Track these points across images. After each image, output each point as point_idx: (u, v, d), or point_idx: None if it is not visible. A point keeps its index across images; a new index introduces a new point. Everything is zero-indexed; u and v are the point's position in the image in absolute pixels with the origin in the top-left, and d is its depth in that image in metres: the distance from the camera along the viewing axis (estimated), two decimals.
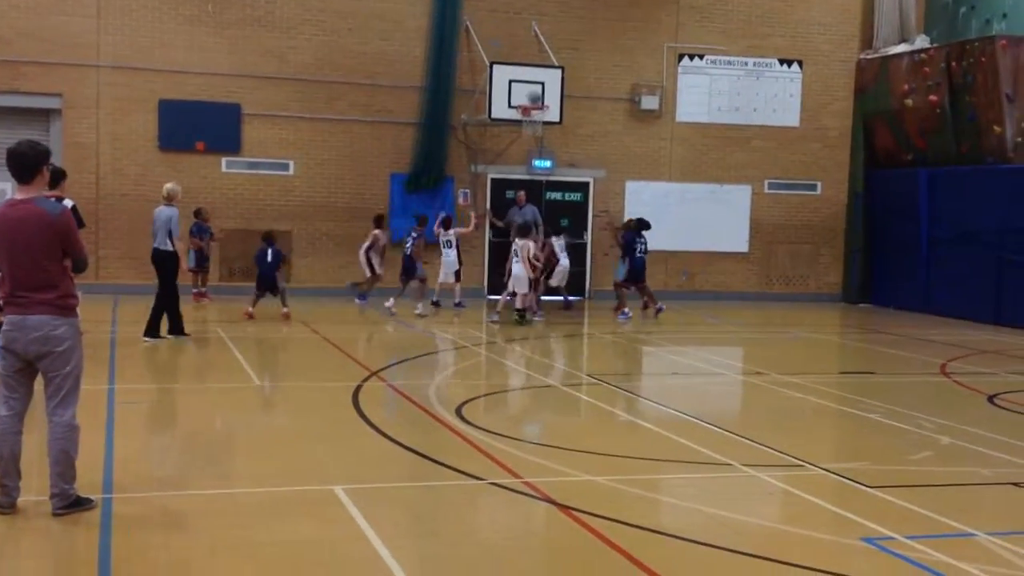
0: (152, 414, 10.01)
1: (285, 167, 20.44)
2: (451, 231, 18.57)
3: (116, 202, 19.60)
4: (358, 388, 10.89)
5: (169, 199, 14.14)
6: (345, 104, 20.59)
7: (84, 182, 19.08)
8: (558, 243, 18.93)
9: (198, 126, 19.77)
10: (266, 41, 20.16)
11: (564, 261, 18.84)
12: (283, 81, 20.29)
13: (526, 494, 7.19)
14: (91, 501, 6.47)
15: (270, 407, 10.71)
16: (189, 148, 19.87)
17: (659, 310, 18.52)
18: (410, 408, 10.18)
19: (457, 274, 18.68)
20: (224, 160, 20.13)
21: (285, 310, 16.38)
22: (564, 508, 6.87)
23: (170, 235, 13.88)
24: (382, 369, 12.45)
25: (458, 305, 18.77)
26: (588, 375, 12.71)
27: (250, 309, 16.34)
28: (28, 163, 6.48)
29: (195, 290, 18.63)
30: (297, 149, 20.47)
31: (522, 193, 20.34)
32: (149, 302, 14.22)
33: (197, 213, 18.55)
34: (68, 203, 10.23)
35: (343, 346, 14.02)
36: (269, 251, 16.49)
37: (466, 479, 7.52)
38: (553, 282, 18.84)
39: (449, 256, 18.49)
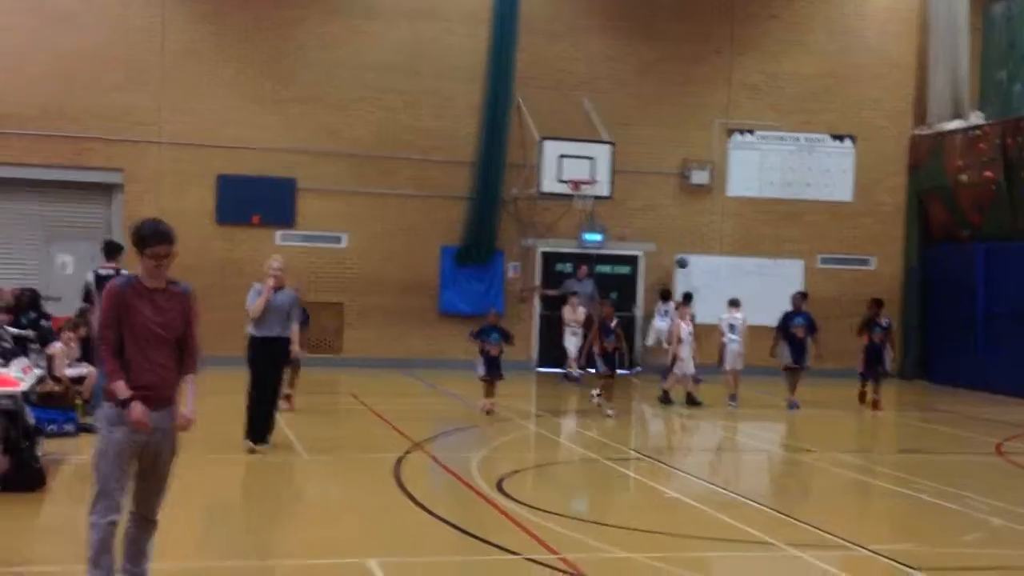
0: (189, 482, 10.06)
1: (338, 240, 20.75)
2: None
3: (177, 274, 19.94)
4: (400, 460, 10.89)
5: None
6: (398, 178, 20.93)
7: None
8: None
9: (254, 200, 20.20)
10: (322, 117, 20.63)
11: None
12: (338, 156, 20.71)
13: (562, 571, 7.10)
14: None
15: (309, 477, 10.73)
16: (245, 221, 20.28)
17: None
18: (450, 481, 10.14)
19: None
20: (279, 233, 20.50)
21: (288, 391, 13.66)
22: None
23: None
24: (425, 441, 12.44)
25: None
26: (633, 450, 12.58)
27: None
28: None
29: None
30: (350, 222, 20.79)
31: (584, 266, 20.47)
32: (201, 374, 14.31)
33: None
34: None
35: (389, 418, 14.04)
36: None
37: (502, 554, 7.46)
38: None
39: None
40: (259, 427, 11.04)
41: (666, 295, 20.43)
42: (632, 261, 21.93)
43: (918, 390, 20.87)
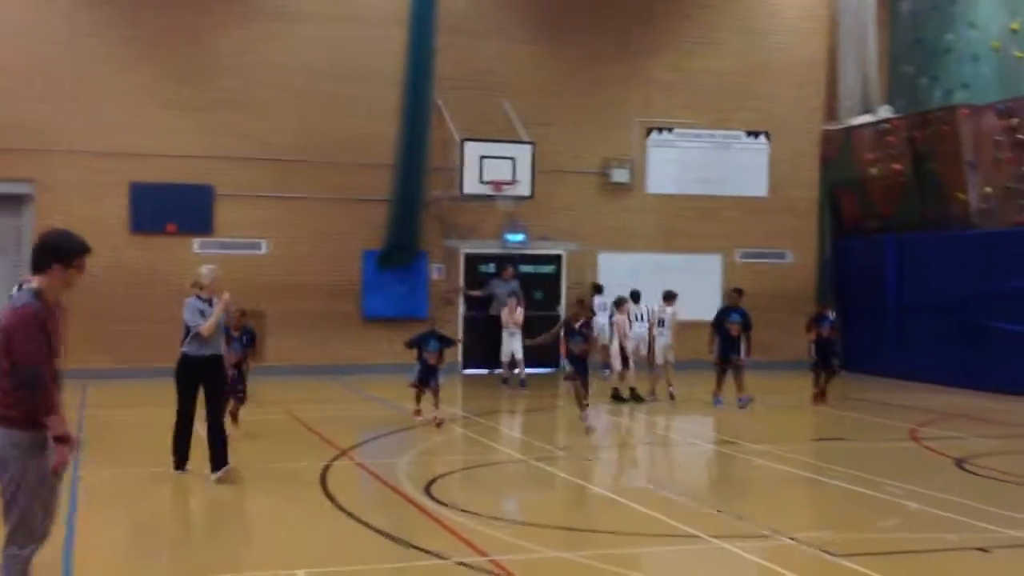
0: (113, 500, 9.89)
1: (258, 246, 20.51)
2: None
3: (87, 284, 19.56)
4: (326, 468, 10.82)
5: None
6: (318, 183, 20.75)
7: None
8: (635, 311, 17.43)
9: (170, 208, 19.86)
10: (240, 122, 20.35)
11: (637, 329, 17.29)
12: (256, 161, 20.46)
13: (492, 573, 7.14)
14: None
15: (234, 490, 10.59)
16: (161, 230, 19.94)
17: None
18: (379, 487, 10.11)
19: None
20: (196, 241, 20.19)
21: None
22: None
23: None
24: (352, 448, 12.38)
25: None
26: (559, 449, 12.67)
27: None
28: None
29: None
30: (270, 228, 20.56)
31: (509, 267, 20.54)
32: (118, 385, 14.11)
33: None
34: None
35: (314, 425, 13.93)
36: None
37: (432, 559, 7.46)
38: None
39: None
40: (214, 449, 10.14)
41: (598, 289, 20.31)
42: (555, 260, 22.06)
43: (835, 379, 21.29)
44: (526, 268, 21.63)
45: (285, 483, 10.34)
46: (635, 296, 17.66)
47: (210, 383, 10.30)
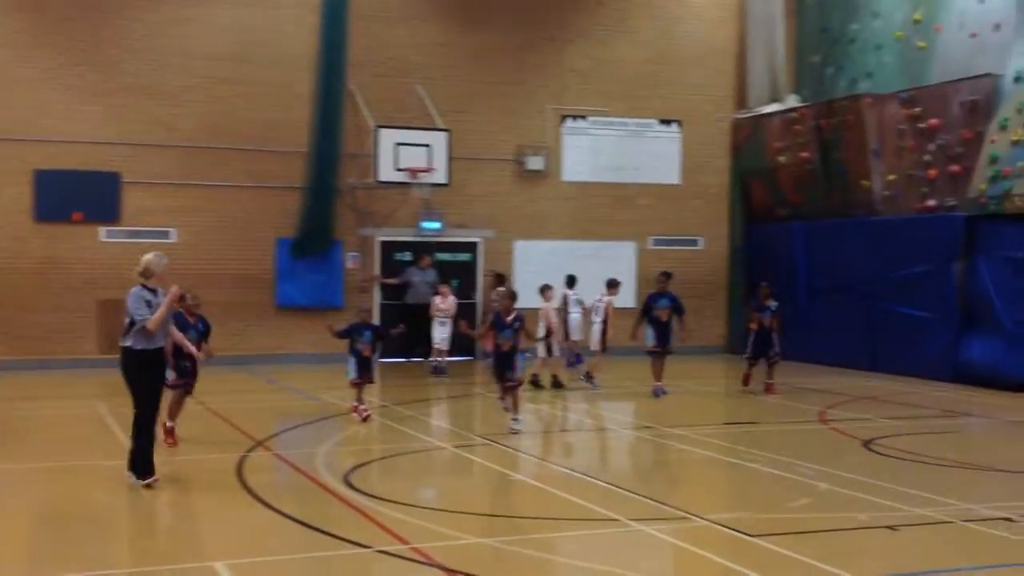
0: (19, 494, 9.63)
1: (166, 235, 20.09)
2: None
3: None
4: (242, 459, 10.68)
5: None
6: (229, 170, 20.41)
7: None
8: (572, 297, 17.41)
9: (75, 196, 19.36)
10: (148, 108, 19.91)
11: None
12: (165, 148, 20.04)
13: (415, 560, 7.14)
14: None
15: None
16: (66, 218, 19.41)
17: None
18: (297, 477, 10.02)
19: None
20: (103, 230, 19.71)
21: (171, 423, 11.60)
22: (452, 572, 6.84)
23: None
24: (268, 438, 12.23)
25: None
26: (479, 436, 12.70)
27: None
28: None
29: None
30: (179, 216, 20.17)
31: (427, 257, 20.47)
32: (23, 377, 13.73)
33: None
34: None
35: (229, 416, 13.73)
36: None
37: (353, 548, 7.43)
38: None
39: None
40: (145, 455, 9.36)
41: (571, 281, 18.98)
42: (471, 248, 22.07)
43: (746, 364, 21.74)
44: (443, 256, 21.61)
45: (200, 475, 10.18)
46: (571, 281, 17.70)
47: (151, 379, 9.45)
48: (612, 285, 17.36)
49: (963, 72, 18.97)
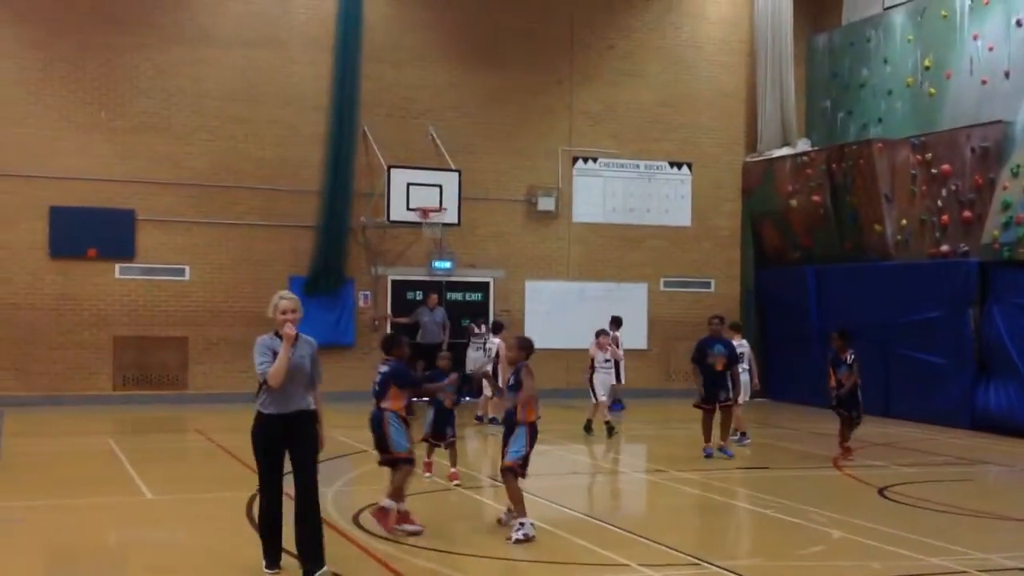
0: (35, 532, 9.60)
1: (181, 272, 20.19)
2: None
3: (4, 312, 19.11)
4: (252, 498, 10.62)
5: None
6: (242, 208, 20.55)
7: None
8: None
9: (90, 232, 19.49)
10: (161, 146, 20.10)
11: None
12: (178, 186, 20.19)
13: None
14: None
15: (160, 520, 10.37)
16: (81, 255, 19.53)
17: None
18: None
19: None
20: (118, 266, 19.82)
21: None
22: None
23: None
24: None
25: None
26: (489, 477, 12.64)
27: None
28: None
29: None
30: (193, 254, 20.28)
31: (434, 295, 20.46)
32: (36, 412, 13.68)
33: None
34: None
35: (238, 454, 13.68)
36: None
37: None
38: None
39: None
40: (304, 545, 7.58)
41: (618, 322, 19.11)
42: (483, 288, 22.10)
43: (758, 407, 21.63)
44: (455, 295, 21.64)
45: (210, 512, 10.14)
46: (616, 323, 18.40)
47: (297, 449, 7.64)
48: (616, 323, 17.47)
49: (973, 119, 19.04)
